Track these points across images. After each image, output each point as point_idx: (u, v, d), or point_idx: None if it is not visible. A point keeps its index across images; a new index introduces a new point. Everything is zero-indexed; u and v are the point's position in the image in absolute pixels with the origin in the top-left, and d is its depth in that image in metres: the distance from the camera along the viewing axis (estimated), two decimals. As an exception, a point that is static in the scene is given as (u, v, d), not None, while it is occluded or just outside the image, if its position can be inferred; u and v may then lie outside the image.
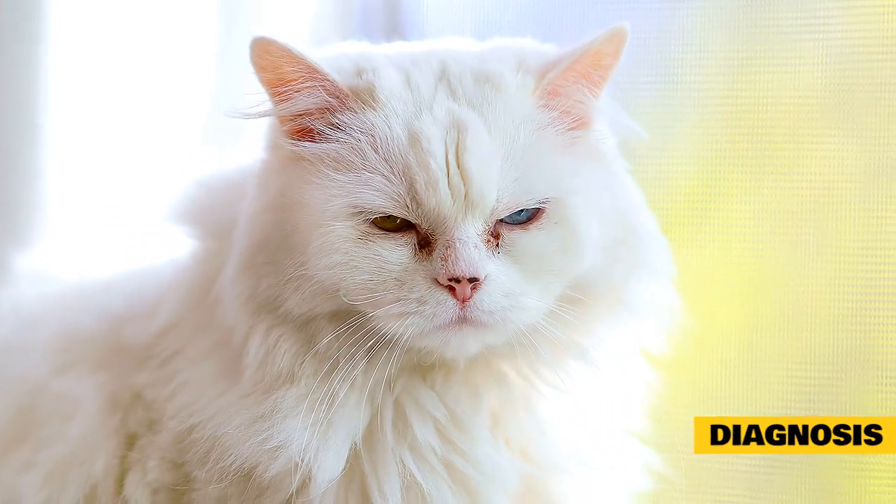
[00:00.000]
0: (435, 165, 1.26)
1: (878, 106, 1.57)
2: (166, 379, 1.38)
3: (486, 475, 1.34)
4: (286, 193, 1.31)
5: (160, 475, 1.37)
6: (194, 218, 1.43)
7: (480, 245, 1.27)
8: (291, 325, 1.31)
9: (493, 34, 1.41)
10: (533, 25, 1.42)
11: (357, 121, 1.29)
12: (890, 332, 1.58)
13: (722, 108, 1.64)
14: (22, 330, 1.49)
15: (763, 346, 1.63)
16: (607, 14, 1.67)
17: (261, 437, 1.29)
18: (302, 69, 1.29)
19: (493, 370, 1.35)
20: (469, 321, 1.26)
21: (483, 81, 1.31)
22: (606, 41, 1.30)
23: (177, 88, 1.98)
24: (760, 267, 1.63)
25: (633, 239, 1.34)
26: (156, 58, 1.98)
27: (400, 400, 1.33)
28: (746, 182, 1.64)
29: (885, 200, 1.57)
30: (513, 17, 1.75)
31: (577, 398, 1.37)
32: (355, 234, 1.28)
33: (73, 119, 2.00)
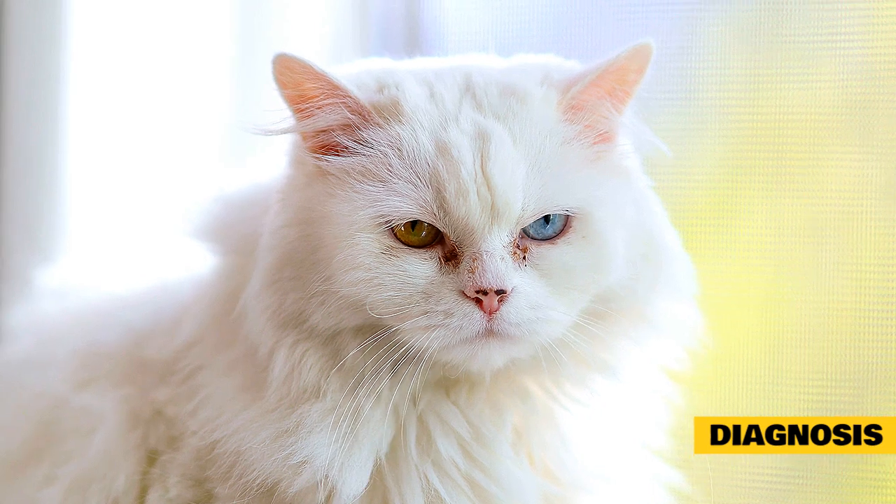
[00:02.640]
0: (466, 174, 1.27)
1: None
2: (188, 395, 1.38)
3: (508, 492, 1.33)
4: (311, 207, 1.31)
5: (181, 492, 1.37)
6: (216, 234, 1.43)
7: (507, 257, 1.27)
8: (317, 340, 1.31)
9: (514, 51, 1.42)
10: (554, 42, 1.43)
11: (383, 135, 1.29)
12: (911, 346, 1.58)
13: (742, 124, 1.64)
14: (43, 345, 1.49)
15: (782, 362, 1.62)
16: (628, 30, 1.68)
17: (285, 452, 1.29)
18: (323, 86, 1.29)
19: (516, 386, 1.35)
20: (496, 334, 1.26)
21: (508, 94, 1.31)
22: (630, 57, 1.31)
23: (196, 104, 1.98)
24: (779, 282, 1.63)
25: (656, 255, 1.34)
26: (176, 73, 1.98)
27: (424, 415, 1.33)
28: (766, 197, 1.64)
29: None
30: (534, 34, 1.75)
31: (600, 414, 1.37)
32: (379, 247, 1.28)
33: (93, 135, 2.01)
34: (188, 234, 1.45)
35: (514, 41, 1.60)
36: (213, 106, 1.97)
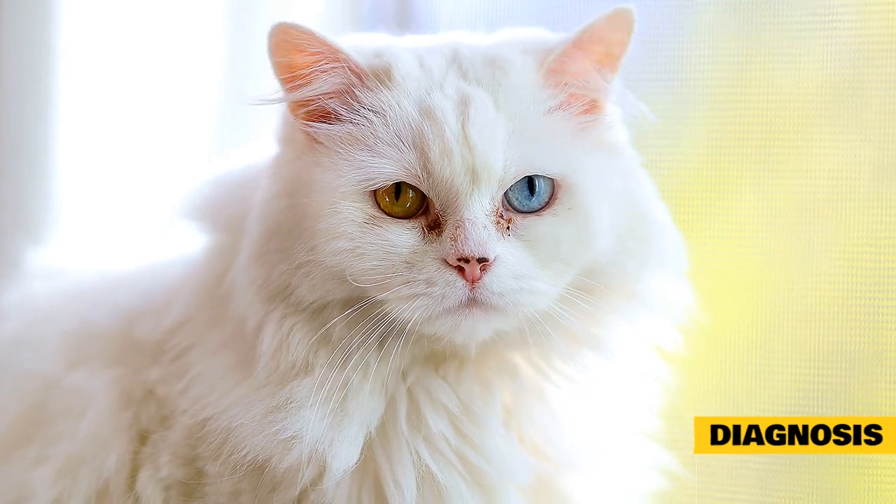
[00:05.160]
0: (450, 133, 1.27)
1: (886, 103, 1.57)
2: (179, 374, 1.38)
3: (498, 469, 1.33)
4: (298, 178, 1.32)
5: (172, 471, 1.37)
6: (206, 213, 1.43)
7: (490, 226, 1.27)
8: (305, 314, 1.31)
9: (504, 28, 1.42)
10: (545, 21, 1.43)
11: (373, 99, 1.30)
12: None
13: (732, 105, 1.64)
14: (34, 325, 1.49)
15: (771, 344, 1.62)
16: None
17: (275, 428, 1.29)
18: (326, 50, 1.30)
19: (505, 362, 1.35)
20: (479, 303, 1.26)
21: (491, 64, 1.32)
22: (610, 23, 1.31)
23: (186, 85, 1.98)
24: (768, 264, 1.63)
25: (644, 228, 1.35)
26: (165, 55, 1.98)
27: (413, 390, 1.33)
28: (755, 179, 1.64)
29: (893, 197, 1.57)
30: (526, 13, 1.76)
31: (591, 392, 1.37)
32: (362, 216, 1.28)
33: (83, 116, 2.01)
34: (179, 214, 1.45)
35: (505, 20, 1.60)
36: (204, 86, 1.97)
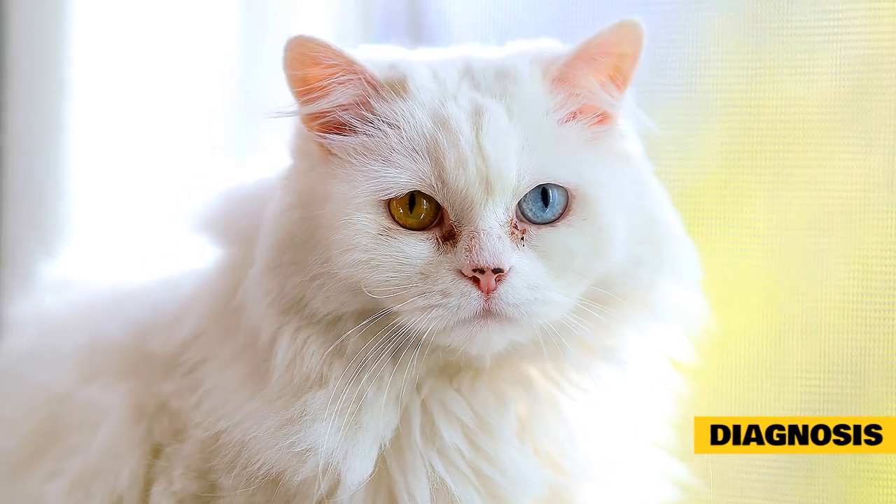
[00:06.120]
0: (465, 143, 1.28)
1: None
2: (192, 387, 1.38)
3: (513, 482, 1.33)
4: (313, 190, 1.32)
5: (186, 484, 1.37)
6: (218, 227, 1.43)
7: (504, 237, 1.27)
8: (319, 326, 1.31)
9: (515, 40, 1.42)
10: (556, 32, 1.43)
11: (388, 110, 1.31)
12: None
13: (744, 114, 1.64)
14: (46, 338, 1.50)
15: (783, 354, 1.62)
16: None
17: (289, 440, 1.29)
18: (342, 63, 1.30)
19: (519, 374, 1.35)
20: (494, 315, 1.26)
21: (502, 75, 1.33)
22: (615, 33, 1.31)
23: (200, 96, 1.98)
24: (780, 273, 1.63)
25: (657, 237, 1.35)
26: (180, 66, 1.99)
27: (427, 403, 1.33)
28: (767, 188, 1.63)
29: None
30: (537, 24, 1.76)
31: (605, 403, 1.37)
32: (376, 228, 1.28)
33: (97, 129, 2.01)
34: (192, 227, 1.45)
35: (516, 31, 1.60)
36: (217, 98, 1.97)
